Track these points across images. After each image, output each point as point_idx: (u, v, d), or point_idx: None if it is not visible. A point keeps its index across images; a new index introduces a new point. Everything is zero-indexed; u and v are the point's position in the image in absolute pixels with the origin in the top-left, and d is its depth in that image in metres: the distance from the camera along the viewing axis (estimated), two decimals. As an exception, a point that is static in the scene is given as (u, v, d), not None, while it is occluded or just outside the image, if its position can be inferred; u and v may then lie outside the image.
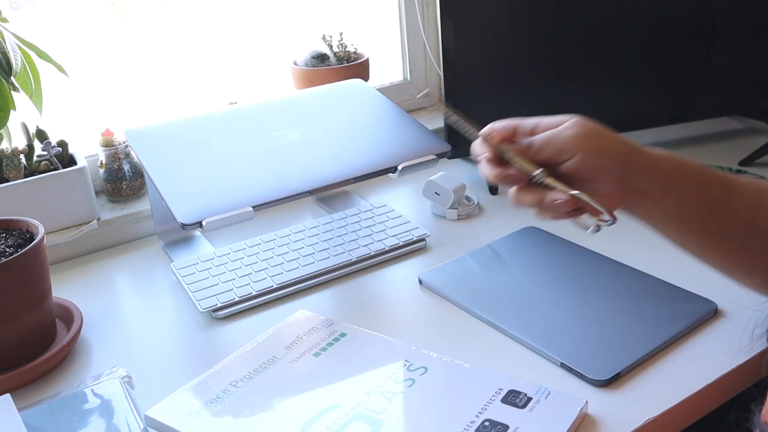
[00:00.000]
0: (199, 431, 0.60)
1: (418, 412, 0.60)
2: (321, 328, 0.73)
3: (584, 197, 0.58)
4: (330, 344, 0.70)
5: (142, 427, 0.62)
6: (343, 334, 0.72)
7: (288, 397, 0.63)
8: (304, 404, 0.62)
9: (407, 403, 0.61)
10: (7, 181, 0.92)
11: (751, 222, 0.61)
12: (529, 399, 0.60)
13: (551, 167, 0.60)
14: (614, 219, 0.58)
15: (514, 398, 0.60)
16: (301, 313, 0.77)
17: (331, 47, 1.21)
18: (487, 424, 0.57)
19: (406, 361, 0.66)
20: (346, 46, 1.21)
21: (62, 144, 0.98)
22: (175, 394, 0.64)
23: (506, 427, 0.57)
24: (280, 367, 0.67)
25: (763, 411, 0.47)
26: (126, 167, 1.02)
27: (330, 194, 1.08)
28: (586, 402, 0.60)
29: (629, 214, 0.62)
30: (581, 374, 0.65)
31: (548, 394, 0.61)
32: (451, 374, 0.64)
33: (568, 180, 0.59)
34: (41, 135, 0.97)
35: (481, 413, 0.58)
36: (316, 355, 0.69)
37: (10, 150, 0.93)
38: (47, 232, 0.86)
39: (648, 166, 0.59)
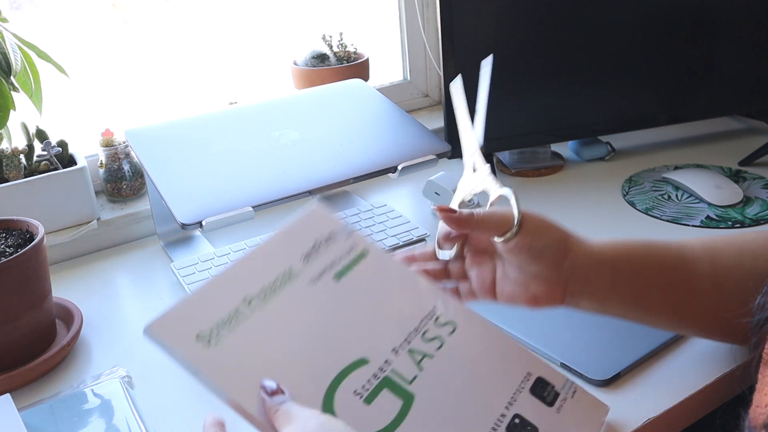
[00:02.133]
0: (213, 370, 0.48)
1: (449, 389, 0.56)
2: (340, 239, 0.62)
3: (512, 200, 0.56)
4: (351, 265, 0.61)
5: (142, 427, 0.62)
6: (363, 254, 0.62)
7: (311, 339, 0.54)
8: (329, 352, 0.53)
9: (437, 376, 0.56)
10: (7, 181, 0.92)
11: (714, 284, 0.59)
12: (557, 395, 0.57)
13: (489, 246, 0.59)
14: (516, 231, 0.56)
15: (542, 391, 0.57)
16: (315, 207, 0.64)
17: (331, 47, 1.21)
18: (517, 421, 0.55)
19: (435, 309, 0.60)
20: (346, 46, 1.21)
21: (62, 144, 0.98)
22: (182, 303, 0.51)
23: (536, 429, 0.55)
24: (298, 287, 0.57)
25: (750, 414, 0.47)
26: (126, 167, 1.02)
27: (330, 194, 1.08)
28: (609, 409, 0.59)
29: (578, 308, 0.59)
30: (581, 374, 0.65)
31: (574, 392, 0.58)
32: (480, 341, 0.60)
33: (503, 259, 0.59)
34: (41, 135, 0.97)
35: (510, 405, 0.56)
36: (337, 278, 0.59)
37: (10, 150, 0.93)
38: (47, 232, 0.86)
39: (590, 254, 0.57)
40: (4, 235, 0.76)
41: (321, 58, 1.19)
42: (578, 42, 1.06)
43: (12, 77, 0.82)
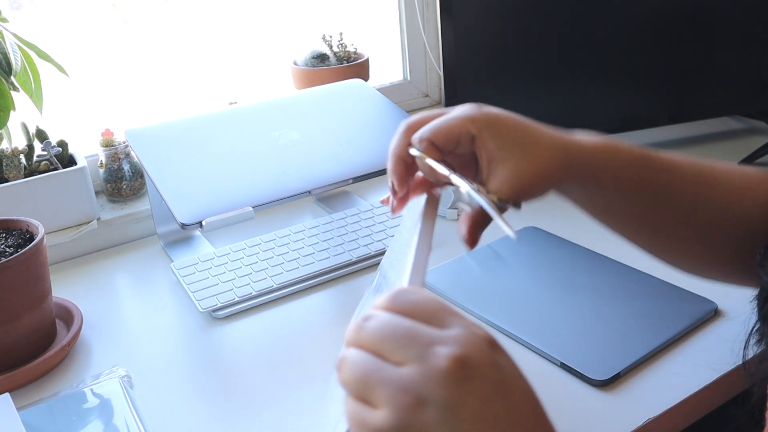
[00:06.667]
0: None
1: None
2: None
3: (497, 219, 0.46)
4: None
5: (141, 427, 0.62)
6: None
7: None
8: None
9: None
10: (7, 181, 0.92)
11: (690, 212, 0.57)
12: None
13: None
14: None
15: None
16: None
17: (331, 47, 1.21)
18: None
19: None
20: (346, 46, 1.21)
21: (62, 144, 0.98)
22: None
23: None
24: None
25: None
26: (126, 167, 1.02)
27: (330, 194, 1.08)
28: None
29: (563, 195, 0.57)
30: (581, 374, 0.65)
31: None
32: None
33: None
34: (41, 135, 0.97)
35: None
36: None
37: (10, 150, 0.93)
38: (47, 232, 0.86)
39: (582, 169, 0.54)
40: (4, 235, 0.76)
41: (321, 58, 1.19)
42: (578, 42, 1.06)
43: (12, 77, 0.82)
